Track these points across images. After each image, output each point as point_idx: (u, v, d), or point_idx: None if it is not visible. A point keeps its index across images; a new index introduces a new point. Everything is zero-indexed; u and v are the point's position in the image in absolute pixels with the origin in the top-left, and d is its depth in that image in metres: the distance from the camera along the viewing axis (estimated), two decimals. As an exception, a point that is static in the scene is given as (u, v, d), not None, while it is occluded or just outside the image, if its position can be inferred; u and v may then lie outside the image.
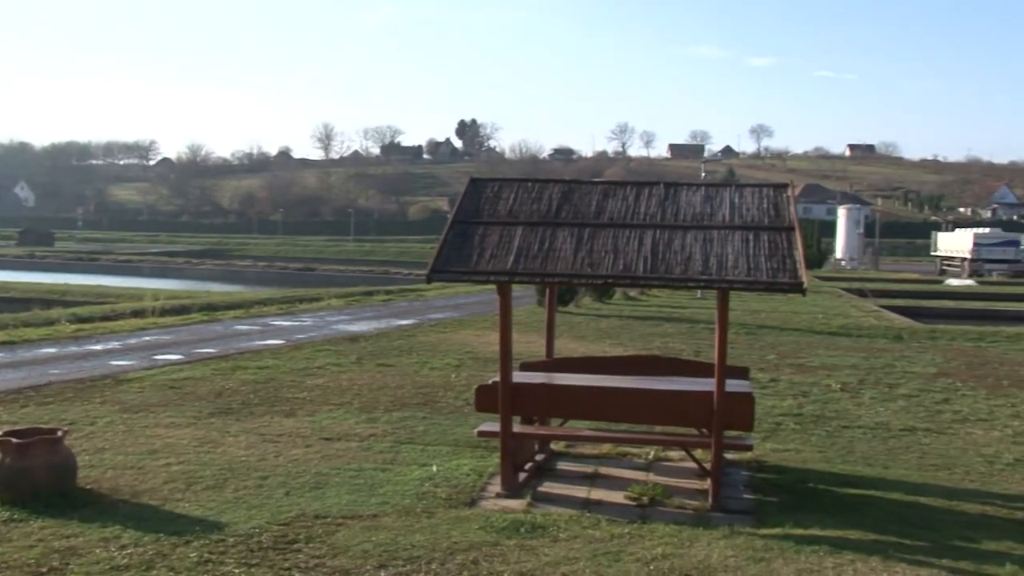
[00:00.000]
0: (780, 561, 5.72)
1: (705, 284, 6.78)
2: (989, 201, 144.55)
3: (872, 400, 11.78)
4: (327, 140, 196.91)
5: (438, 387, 12.14)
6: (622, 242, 7.09)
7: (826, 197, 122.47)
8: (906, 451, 9.04)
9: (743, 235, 7.06)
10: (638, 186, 7.86)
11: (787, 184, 7.75)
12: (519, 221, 7.43)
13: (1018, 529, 6.59)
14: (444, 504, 6.85)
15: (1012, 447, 9.27)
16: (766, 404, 11.01)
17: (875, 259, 75.40)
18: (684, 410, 7.29)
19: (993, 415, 10.94)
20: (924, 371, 14.52)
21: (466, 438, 8.98)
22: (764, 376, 13.42)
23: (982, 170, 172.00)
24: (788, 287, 6.68)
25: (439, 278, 7.21)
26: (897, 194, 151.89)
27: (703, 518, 6.63)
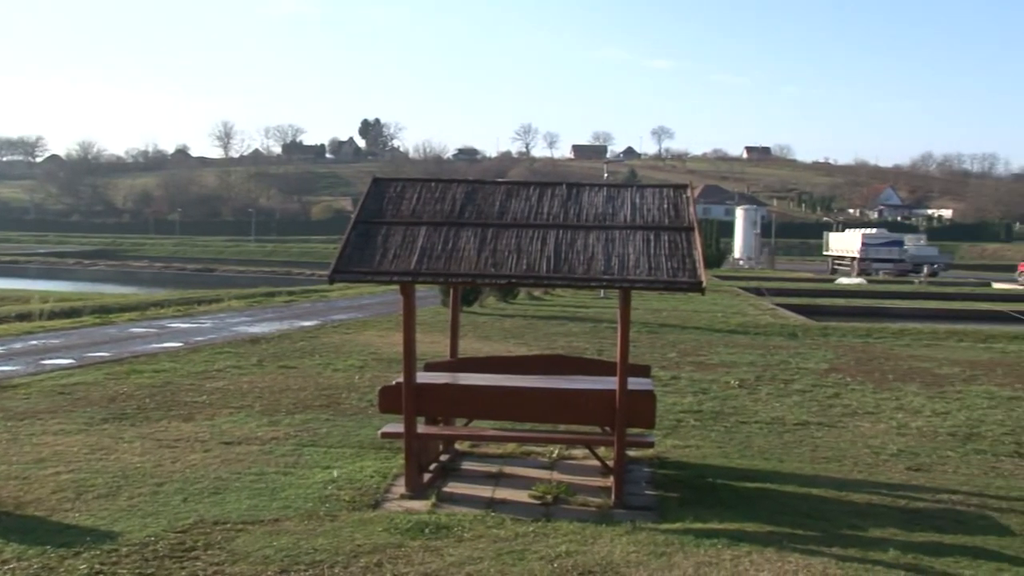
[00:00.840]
0: (681, 555, 5.83)
1: (607, 284, 6.86)
2: (876, 202, 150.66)
3: (768, 396, 12.13)
4: (227, 138, 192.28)
5: (341, 388, 11.99)
6: (525, 242, 7.13)
7: (724, 198, 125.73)
8: (800, 444, 9.33)
9: (644, 235, 7.17)
10: (541, 186, 7.91)
11: (687, 185, 7.92)
12: (422, 221, 7.39)
13: (901, 516, 6.89)
14: (347, 507, 6.77)
15: (896, 438, 9.68)
16: (667, 401, 11.22)
17: (771, 258, 77.81)
18: (587, 408, 7.37)
19: (879, 408, 11.40)
20: (817, 367, 15.03)
21: (370, 439, 8.90)
22: (665, 374, 13.68)
23: (869, 173, 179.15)
24: (688, 286, 6.81)
25: (342, 279, 7.12)
26: (791, 195, 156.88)
27: (606, 515, 6.72)
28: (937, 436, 9.86)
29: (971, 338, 19.86)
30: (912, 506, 7.18)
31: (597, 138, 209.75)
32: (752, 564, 5.72)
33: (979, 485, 7.88)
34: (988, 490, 7.72)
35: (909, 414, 11.04)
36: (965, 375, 14.46)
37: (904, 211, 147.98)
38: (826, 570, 5.64)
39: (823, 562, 5.78)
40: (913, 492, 7.59)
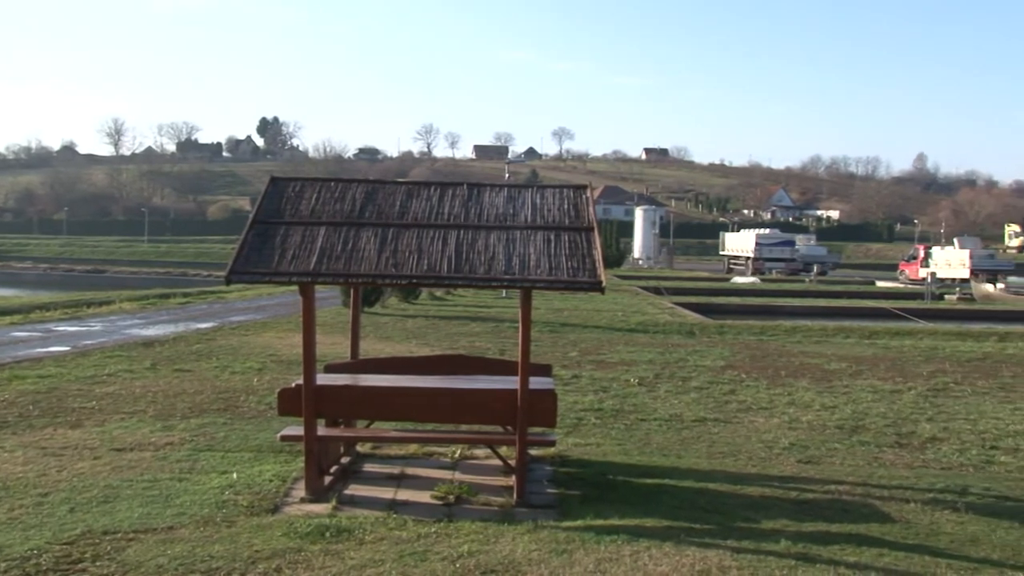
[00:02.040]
0: (581, 552, 5.90)
1: (508, 283, 6.89)
2: (769, 203, 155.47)
3: (667, 393, 12.37)
4: (117, 135, 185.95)
5: (239, 391, 11.73)
6: (426, 242, 7.11)
7: (624, 198, 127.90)
8: (697, 440, 9.55)
9: (545, 235, 7.23)
10: (442, 186, 7.89)
11: (586, 185, 8.02)
12: (322, 221, 7.29)
13: (792, 508, 7.12)
14: (246, 512, 6.62)
15: (788, 432, 10.00)
16: (569, 400, 11.34)
17: (670, 258, 79.46)
18: (489, 408, 7.39)
19: (773, 403, 11.76)
20: (713, 364, 15.41)
21: (269, 443, 8.73)
22: (567, 373, 13.82)
23: (763, 174, 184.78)
24: (588, 286, 6.89)
25: (239, 279, 6.96)
26: (689, 196, 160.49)
27: (508, 514, 6.75)
28: (826, 429, 10.23)
29: (857, 335, 20.65)
30: (802, 497, 7.43)
31: (499, 139, 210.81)
32: (651, 558, 5.82)
33: (863, 475, 8.21)
34: (872, 480, 8.05)
35: (800, 409, 11.42)
36: (852, 370, 15.04)
37: (795, 212, 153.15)
38: (721, 562, 5.78)
39: (719, 554, 5.93)
40: (803, 484, 7.85)
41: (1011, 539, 6.42)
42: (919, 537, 6.40)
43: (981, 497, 7.55)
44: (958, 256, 58.04)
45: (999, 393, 13.04)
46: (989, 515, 7.00)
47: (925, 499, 7.40)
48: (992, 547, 6.23)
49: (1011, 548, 6.22)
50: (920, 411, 11.42)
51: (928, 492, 7.63)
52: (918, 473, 8.36)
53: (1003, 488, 7.87)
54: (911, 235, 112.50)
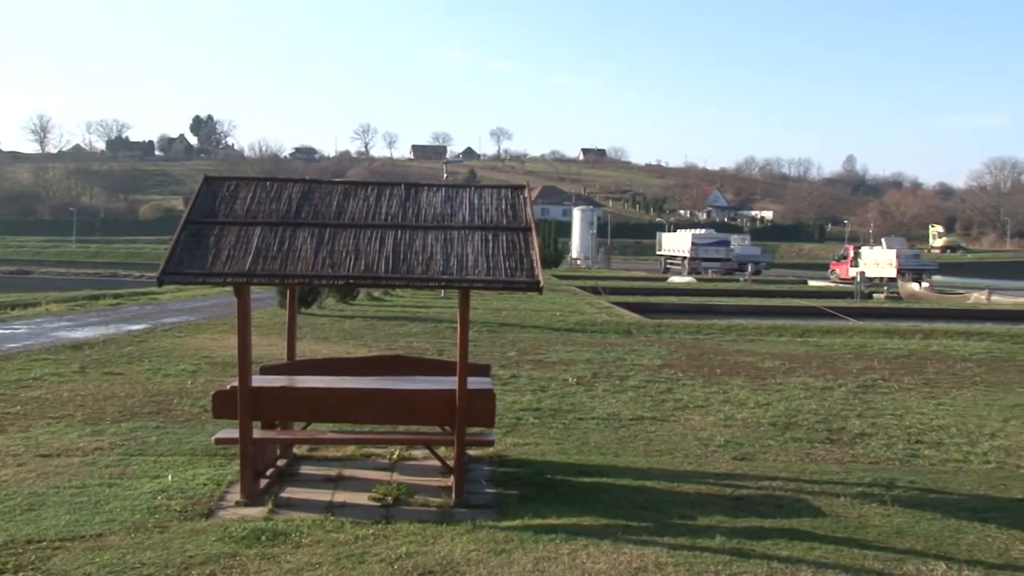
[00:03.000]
0: (520, 552, 5.92)
1: (446, 284, 6.88)
2: (705, 204, 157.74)
3: (605, 392, 12.47)
4: (42, 132, 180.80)
5: (173, 394, 11.51)
6: (363, 242, 7.06)
7: (562, 199, 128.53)
8: (634, 439, 9.65)
9: (483, 235, 7.24)
10: (379, 186, 7.85)
11: (524, 186, 8.04)
12: (257, 221, 7.20)
13: (727, 504, 7.23)
14: (179, 517, 6.50)
15: (723, 430, 10.16)
16: (507, 400, 11.37)
17: (608, 258, 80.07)
18: (427, 408, 7.37)
19: (708, 401, 11.93)
20: (651, 363, 15.57)
21: (203, 446, 8.59)
22: (505, 373, 13.85)
23: (698, 175, 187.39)
24: (526, 286, 6.91)
25: (172, 280, 6.83)
26: (626, 196, 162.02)
27: (447, 514, 6.74)
28: (760, 426, 10.41)
29: (790, 333, 21.06)
30: (737, 494, 7.55)
31: (437, 138, 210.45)
32: (589, 557, 5.87)
33: (796, 471, 8.38)
34: (804, 475, 8.22)
35: (735, 406, 11.61)
36: (784, 368, 15.33)
37: (730, 212, 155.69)
38: (658, 559, 5.85)
39: (655, 551, 5.99)
40: (738, 481, 7.98)
41: (934, 530, 6.62)
42: (848, 530, 6.55)
43: (906, 490, 7.76)
44: (885, 256, 59.53)
45: (924, 389, 13.42)
46: (914, 507, 7.20)
47: (854, 493, 7.58)
48: (916, 538, 6.42)
49: (934, 539, 6.41)
50: (850, 407, 11.69)
51: (857, 486, 7.82)
52: (848, 468, 8.56)
53: (927, 481, 8.11)
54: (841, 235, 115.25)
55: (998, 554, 6.15)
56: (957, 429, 10.47)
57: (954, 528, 6.68)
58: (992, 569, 5.85)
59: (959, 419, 11.08)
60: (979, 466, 8.79)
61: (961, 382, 14.17)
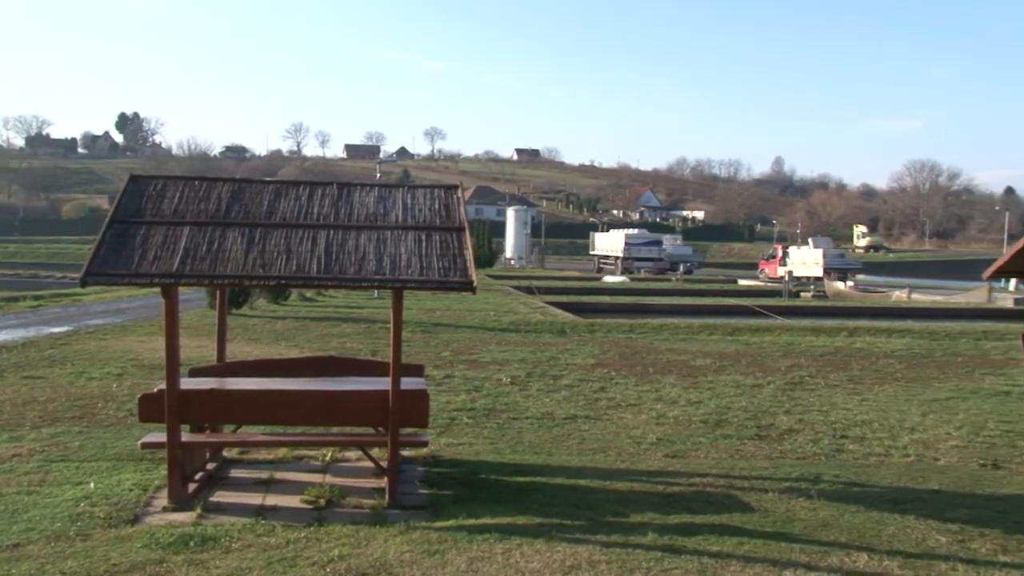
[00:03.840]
0: (454, 552, 5.92)
1: (379, 284, 6.84)
2: (637, 204, 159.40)
3: (539, 392, 12.53)
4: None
5: (97, 398, 11.22)
6: (295, 242, 6.99)
7: (496, 199, 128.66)
8: (568, 438, 9.71)
9: (416, 235, 7.22)
10: (311, 186, 7.78)
11: (457, 186, 8.04)
12: (185, 221, 7.07)
13: (659, 501, 7.33)
14: (102, 524, 6.34)
15: (656, 428, 10.29)
16: (441, 400, 11.35)
17: (541, 258, 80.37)
18: (360, 410, 7.32)
19: (641, 400, 12.07)
20: (584, 363, 15.69)
21: (129, 451, 8.40)
22: (439, 373, 13.82)
23: (631, 175, 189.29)
24: (459, 286, 6.91)
25: (96, 281, 6.68)
26: (560, 196, 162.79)
27: (380, 516, 6.70)
28: (691, 424, 10.57)
29: (721, 332, 21.41)
30: (669, 491, 7.66)
31: (370, 138, 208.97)
32: (523, 556, 5.89)
33: (726, 467, 8.53)
34: (733, 471, 8.38)
35: (667, 404, 11.76)
36: (715, 366, 15.59)
37: (662, 212, 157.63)
38: (591, 557, 5.90)
39: (588, 549, 6.05)
40: (670, 478, 8.09)
41: (857, 522, 6.80)
42: (776, 525, 6.70)
43: (832, 484, 7.96)
44: (812, 255, 60.92)
45: (848, 385, 13.78)
46: (839, 500, 7.39)
47: (782, 488, 7.74)
48: (841, 530, 6.59)
49: (857, 531, 6.59)
50: (778, 404, 11.95)
51: (785, 481, 7.99)
52: (776, 463, 8.74)
53: (851, 475, 8.33)
54: (770, 235, 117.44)
55: (916, 544, 6.36)
56: (879, 424, 10.77)
57: (876, 520, 6.88)
58: (910, 559, 6.04)
59: (881, 414, 11.40)
60: (899, 459, 9.06)
61: (883, 378, 14.58)
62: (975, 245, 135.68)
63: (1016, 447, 9.67)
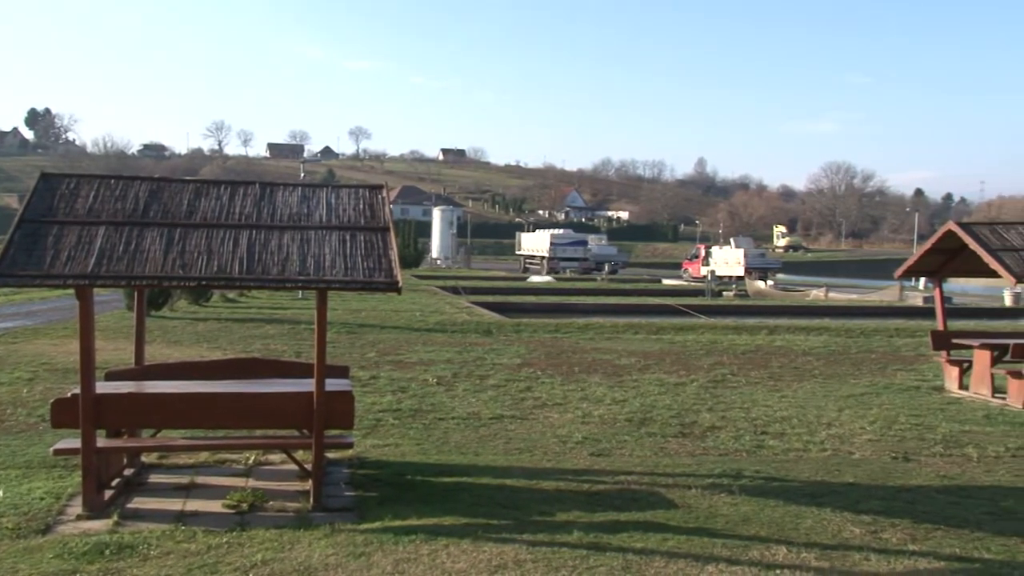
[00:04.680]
0: (380, 554, 5.87)
1: (303, 284, 6.76)
2: (563, 204, 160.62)
3: (465, 392, 12.52)
4: None
5: (6, 404, 10.83)
6: (216, 243, 6.86)
7: (422, 199, 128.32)
8: (494, 438, 9.73)
9: (340, 235, 7.15)
10: (232, 185, 7.64)
11: (382, 185, 7.99)
12: (101, 221, 6.88)
13: (585, 499, 7.39)
14: (11, 535, 6.11)
15: (581, 427, 10.37)
16: (367, 401, 11.26)
17: (468, 258, 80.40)
18: (284, 412, 7.21)
19: (567, 399, 12.15)
20: (510, 362, 15.73)
21: (40, 458, 8.13)
22: (365, 374, 13.71)
23: (557, 176, 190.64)
24: (384, 286, 6.87)
25: (5, 283, 6.45)
26: (486, 197, 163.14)
27: (304, 519, 6.61)
28: (616, 422, 10.68)
29: (645, 331, 21.69)
30: (594, 489, 7.72)
31: (294, 137, 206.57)
32: (449, 556, 5.88)
33: (651, 465, 8.64)
34: (658, 468, 8.49)
35: (592, 403, 11.86)
36: (640, 365, 15.78)
37: (588, 212, 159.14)
38: (518, 556, 5.92)
39: (515, 548, 6.06)
40: (595, 476, 8.16)
41: (777, 516, 6.96)
42: (699, 521, 6.81)
43: (753, 479, 8.13)
44: (734, 255, 62.17)
45: (769, 382, 14.09)
46: (759, 495, 7.55)
47: (705, 484, 7.88)
48: (761, 525, 6.73)
49: (776, 524, 6.75)
50: (701, 402, 12.15)
51: (707, 478, 8.13)
52: (699, 460, 8.89)
53: (771, 470, 8.52)
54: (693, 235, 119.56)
55: (832, 536, 6.54)
56: (798, 420, 11.03)
57: (794, 513, 7.05)
58: (826, 550, 6.21)
59: (800, 410, 11.68)
60: (817, 454, 9.30)
61: (802, 375, 14.95)
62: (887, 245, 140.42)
63: (925, 440, 10.02)
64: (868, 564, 5.96)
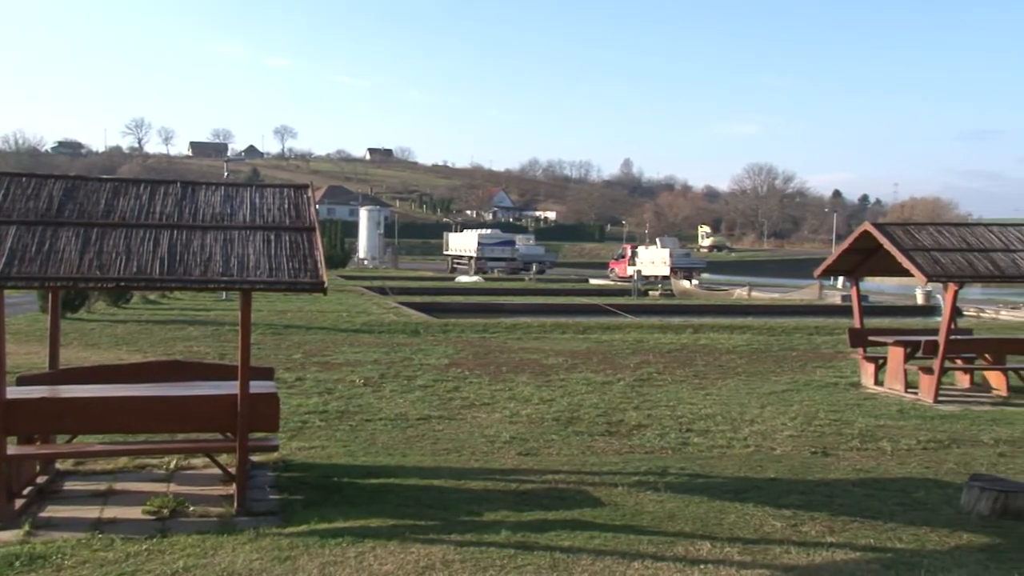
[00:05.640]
0: (305, 558, 5.80)
1: (227, 285, 6.64)
2: (490, 204, 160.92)
3: (392, 393, 12.44)
4: None
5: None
6: (135, 243, 6.70)
7: (349, 199, 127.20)
8: (422, 438, 9.69)
9: (265, 235, 7.05)
10: (153, 184, 7.48)
11: (307, 185, 7.90)
12: (12, 220, 6.67)
13: (512, 499, 7.41)
14: (-80, 547, 5.89)
15: (509, 426, 10.40)
16: (292, 403, 11.11)
17: (395, 258, 79.87)
18: (207, 415, 7.07)
19: (495, 399, 12.17)
20: (438, 362, 15.69)
21: (-50, 467, 7.82)
22: (290, 375, 13.53)
23: (484, 176, 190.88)
24: (310, 287, 6.79)
25: (-92, 285, 6.19)
26: (413, 197, 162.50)
27: (228, 524, 6.49)
28: (544, 422, 10.74)
29: (572, 330, 21.83)
30: (522, 488, 7.75)
31: (217, 135, 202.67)
32: (376, 558, 5.84)
33: (578, 463, 8.71)
34: (585, 467, 8.56)
35: (520, 403, 11.90)
36: (567, 364, 15.89)
37: (515, 213, 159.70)
38: (445, 556, 5.91)
39: (443, 549, 6.05)
40: (523, 475, 8.20)
41: (701, 512, 7.09)
42: (625, 518, 6.89)
43: (678, 476, 8.26)
44: (660, 255, 62.96)
45: (694, 380, 14.32)
46: (684, 492, 7.68)
47: (631, 482, 7.98)
48: (686, 521, 6.85)
49: (701, 520, 6.87)
50: (628, 400, 12.29)
51: (634, 475, 8.23)
52: (625, 458, 8.99)
53: (696, 467, 8.66)
54: (620, 235, 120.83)
55: (754, 530, 6.68)
56: (722, 417, 11.24)
57: (718, 509, 7.18)
58: (748, 544, 6.34)
59: (724, 407, 11.91)
60: (740, 450, 9.49)
61: (726, 373, 15.24)
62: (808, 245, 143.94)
63: (842, 435, 10.31)
64: (789, 557, 6.11)
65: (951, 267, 12.39)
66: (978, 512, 7.17)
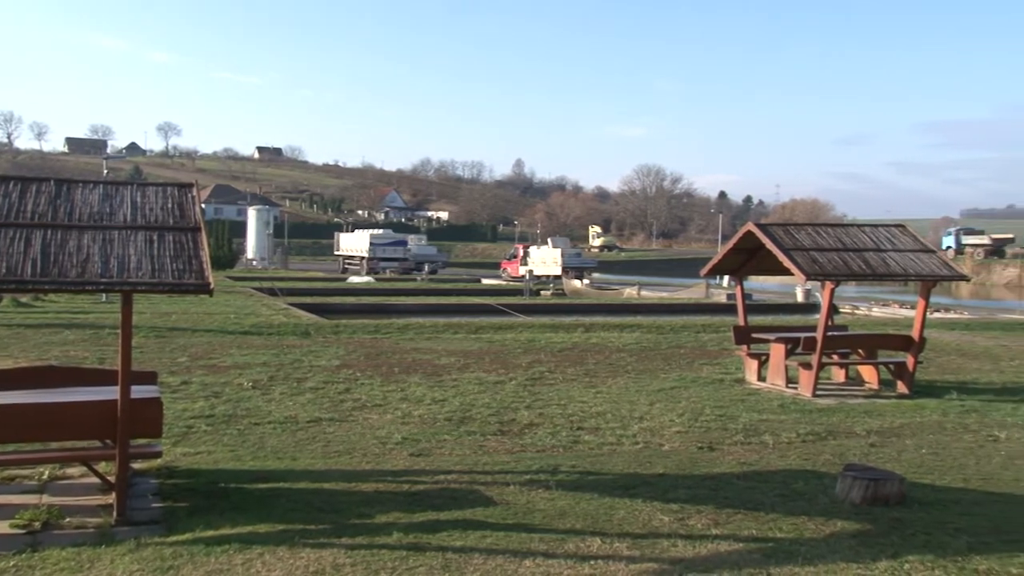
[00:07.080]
0: (190, 567, 5.64)
1: (106, 287, 6.40)
2: (382, 204, 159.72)
3: (282, 395, 12.21)
4: None
5: None
6: (5, 243, 6.38)
7: (237, 198, 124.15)
8: (313, 441, 9.55)
9: (147, 235, 6.82)
10: (24, 181, 7.15)
11: (192, 184, 7.68)
12: None
13: (404, 500, 7.38)
14: None
15: (401, 427, 10.34)
16: (177, 408, 10.79)
17: (285, 259, 78.34)
18: (83, 422, 6.80)
19: (387, 400, 12.09)
20: (329, 364, 15.47)
21: None
22: (175, 379, 13.13)
23: (376, 176, 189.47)
24: (195, 288, 6.60)
25: None
26: (303, 196, 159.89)
27: (107, 534, 6.26)
28: (436, 422, 10.72)
29: (465, 330, 21.84)
30: (414, 489, 7.72)
31: (96, 131, 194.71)
32: (264, 565, 5.73)
33: (470, 463, 8.73)
34: (477, 467, 8.59)
35: (413, 404, 11.85)
36: (460, 364, 15.89)
37: (407, 213, 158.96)
38: (336, 560, 5.84)
39: (333, 553, 5.98)
40: (415, 476, 8.17)
41: (592, 508, 7.20)
42: (517, 516, 6.94)
43: (569, 474, 8.37)
44: (551, 255, 63.68)
45: (585, 379, 14.53)
46: (575, 490, 7.78)
47: (523, 481, 8.04)
48: (577, 518, 6.94)
49: (591, 517, 6.98)
50: (520, 400, 12.37)
51: (525, 474, 8.30)
52: (517, 457, 9.05)
53: (587, 464, 8.79)
54: (512, 235, 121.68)
55: (643, 525, 6.83)
56: (612, 415, 11.44)
57: (608, 505, 7.31)
58: (637, 539, 6.48)
59: (614, 405, 12.12)
60: (630, 447, 9.68)
61: (616, 371, 15.50)
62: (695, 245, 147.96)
63: (727, 430, 10.63)
64: (676, 550, 6.26)
65: (828, 266, 12.92)
66: (851, 500, 7.51)
